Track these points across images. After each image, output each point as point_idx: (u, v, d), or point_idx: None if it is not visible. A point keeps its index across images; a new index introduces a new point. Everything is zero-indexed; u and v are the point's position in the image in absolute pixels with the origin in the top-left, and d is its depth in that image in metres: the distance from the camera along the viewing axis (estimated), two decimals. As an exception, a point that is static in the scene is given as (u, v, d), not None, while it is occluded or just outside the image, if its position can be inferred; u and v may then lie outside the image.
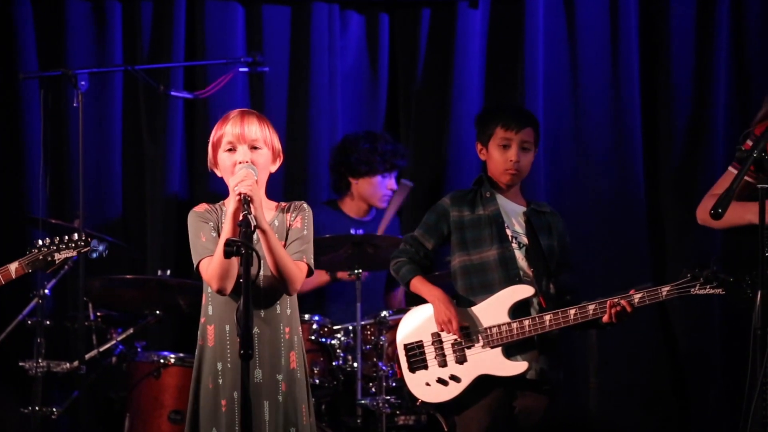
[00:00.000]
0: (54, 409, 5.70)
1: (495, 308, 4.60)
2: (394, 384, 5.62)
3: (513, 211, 4.75)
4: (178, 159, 6.60)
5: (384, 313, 5.72)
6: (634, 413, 6.53)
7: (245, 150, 3.99)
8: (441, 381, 4.63)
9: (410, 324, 4.76)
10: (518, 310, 4.60)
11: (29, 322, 5.68)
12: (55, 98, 6.16)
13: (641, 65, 6.65)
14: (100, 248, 4.97)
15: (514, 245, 4.67)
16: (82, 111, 5.55)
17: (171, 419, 5.68)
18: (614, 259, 6.55)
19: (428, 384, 4.66)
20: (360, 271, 5.75)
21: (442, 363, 4.64)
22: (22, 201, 6.43)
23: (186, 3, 6.62)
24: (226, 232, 3.83)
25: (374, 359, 5.69)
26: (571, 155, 6.67)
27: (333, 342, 5.81)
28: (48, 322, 5.66)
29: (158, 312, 5.99)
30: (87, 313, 5.86)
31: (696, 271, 4.30)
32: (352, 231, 5.86)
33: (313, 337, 5.77)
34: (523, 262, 4.67)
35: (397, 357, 4.75)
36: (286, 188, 6.61)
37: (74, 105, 5.55)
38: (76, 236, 4.65)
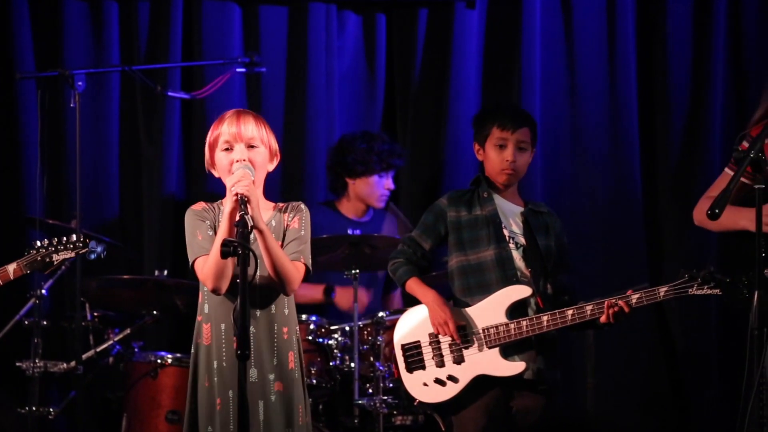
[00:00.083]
0: (51, 410, 5.69)
1: (492, 308, 4.60)
2: (391, 384, 5.62)
3: (510, 212, 4.75)
4: (175, 159, 6.60)
5: (381, 314, 5.72)
6: (632, 413, 6.53)
7: (242, 148, 4.00)
8: (438, 381, 4.63)
9: (407, 324, 4.76)
10: (516, 311, 4.60)
11: (26, 323, 5.67)
12: (52, 98, 6.17)
13: (638, 66, 6.65)
14: (98, 249, 4.97)
15: (512, 245, 4.67)
16: (79, 111, 5.54)
17: (168, 419, 5.68)
18: (611, 260, 6.55)
19: (426, 384, 4.66)
20: (357, 271, 5.75)
21: (440, 363, 4.64)
22: (19, 201, 6.42)
23: (183, 3, 6.62)
24: (223, 232, 3.83)
25: (371, 359, 5.69)
26: (569, 156, 6.67)
27: (330, 342, 5.81)
28: (45, 323, 5.65)
29: (155, 312, 5.98)
30: (84, 314, 5.85)
31: (693, 272, 4.30)
32: (350, 231, 5.86)
33: (311, 338, 5.77)
34: (521, 263, 4.67)
35: (395, 357, 4.75)
36: (284, 188, 6.61)
37: (71, 105, 5.54)
38: (75, 237, 4.64)
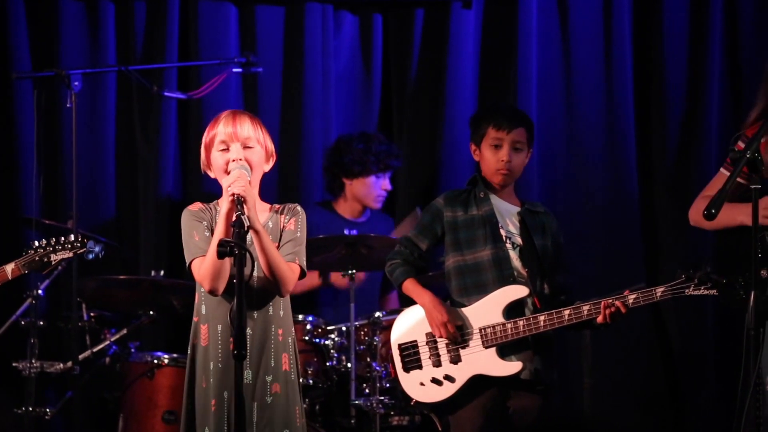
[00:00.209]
0: (47, 410, 5.69)
1: (489, 308, 4.60)
2: (388, 384, 5.63)
3: (507, 212, 4.74)
4: (172, 159, 6.60)
5: (378, 314, 5.72)
6: (629, 414, 6.53)
7: (238, 148, 4.00)
8: (435, 381, 4.63)
9: (404, 324, 4.76)
10: (512, 311, 4.59)
11: (23, 323, 5.66)
12: (49, 99, 6.16)
13: (635, 66, 6.66)
14: (96, 249, 4.97)
15: (508, 245, 4.67)
16: (76, 111, 5.54)
17: (165, 419, 5.67)
18: (608, 260, 6.55)
19: (423, 384, 4.65)
20: (353, 272, 5.75)
21: (437, 363, 4.64)
22: (16, 201, 6.42)
23: (179, 3, 6.61)
24: (219, 233, 3.83)
25: (368, 360, 5.69)
26: (565, 156, 6.67)
27: (327, 342, 5.81)
28: (41, 323, 5.65)
29: (152, 312, 5.98)
30: (80, 314, 5.85)
31: (690, 272, 4.30)
32: (346, 231, 5.86)
33: (307, 338, 5.77)
34: (518, 263, 4.66)
35: (392, 357, 4.75)
36: (280, 189, 6.61)
37: (67, 105, 5.54)
38: (73, 237, 4.64)
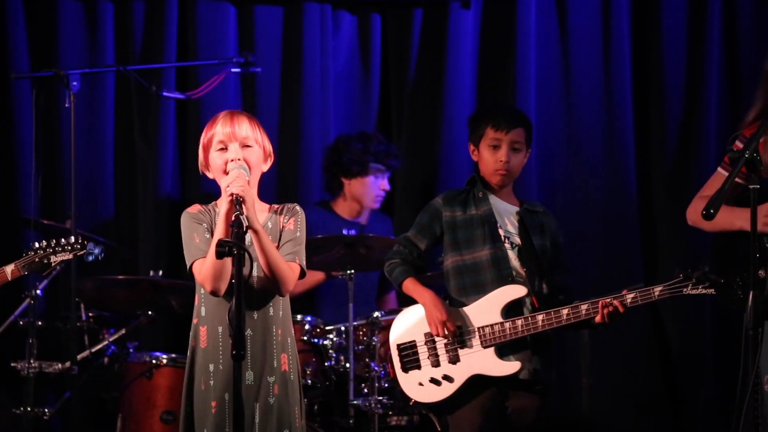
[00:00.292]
0: (46, 410, 5.69)
1: (488, 308, 4.60)
2: (387, 384, 5.62)
3: (506, 211, 4.74)
4: (170, 159, 6.60)
5: (376, 314, 5.72)
6: (627, 414, 6.53)
7: (236, 148, 3.99)
8: (434, 381, 4.63)
9: (403, 324, 4.76)
10: (511, 310, 4.60)
11: (21, 323, 5.66)
12: (47, 99, 6.17)
13: (633, 66, 6.66)
14: (96, 251, 4.96)
15: (507, 245, 4.67)
16: (74, 111, 5.54)
17: (163, 420, 5.67)
18: (606, 260, 6.55)
19: (421, 384, 4.66)
20: (352, 272, 5.75)
21: (435, 363, 4.64)
22: (14, 201, 6.41)
23: (178, 3, 6.61)
24: (219, 233, 3.83)
25: (366, 360, 5.69)
26: (564, 156, 6.67)
27: (325, 342, 5.81)
28: (40, 323, 5.65)
29: (150, 312, 5.98)
30: (79, 314, 5.85)
31: (688, 271, 4.30)
32: (345, 231, 5.86)
33: (306, 338, 5.77)
34: (516, 262, 4.67)
35: (390, 357, 4.75)
36: (279, 188, 6.61)
37: (66, 105, 5.54)
38: (73, 239, 4.64)
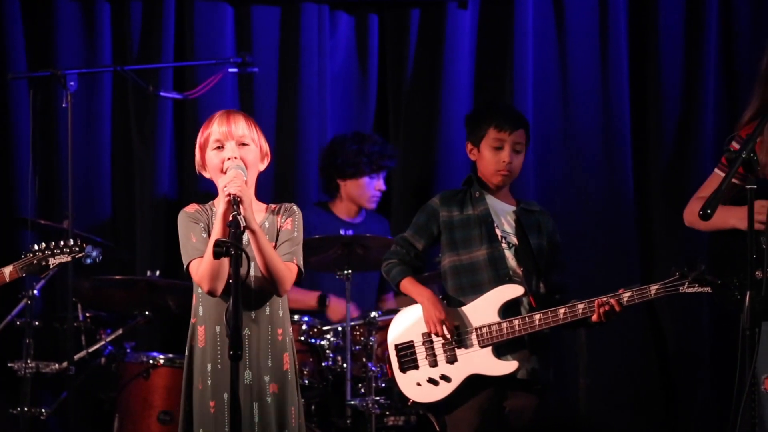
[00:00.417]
0: (43, 410, 5.69)
1: (485, 308, 4.60)
2: (384, 385, 5.62)
3: (502, 211, 4.75)
4: (168, 159, 6.59)
5: (373, 314, 5.72)
6: (624, 413, 6.53)
7: (233, 146, 3.99)
8: (432, 381, 4.63)
9: (401, 324, 4.76)
10: (508, 310, 4.60)
11: (18, 323, 5.67)
12: (44, 99, 6.16)
13: (630, 66, 6.66)
14: (94, 254, 4.97)
15: (504, 245, 4.67)
16: (71, 111, 5.53)
17: (160, 420, 5.67)
18: (604, 260, 6.55)
19: (419, 384, 4.66)
20: (349, 272, 5.75)
21: (433, 363, 4.64)
22: (11, 202, 6.41)
23: (175, 3, 6.61)
24: (216, 233, 3.83)
25: (364, 360, 5.69)
26: (561, 156, 6.67)
27: (322, 343, 5.81)
28: (37, 323, 5.65)
29: (147, 313, 5.98)
30: (76, 314, 5.85)
31: (684, 270, 4.30)
32: (342, 232, 5.86)
33: (303, 338, 5.77)
34: (513, 262, 4.67)
35: (388, 357, 4.75)
36: (276, 189, 6.60)
37: (63, 105, 5.53)
38: (72, 242, 4.64)
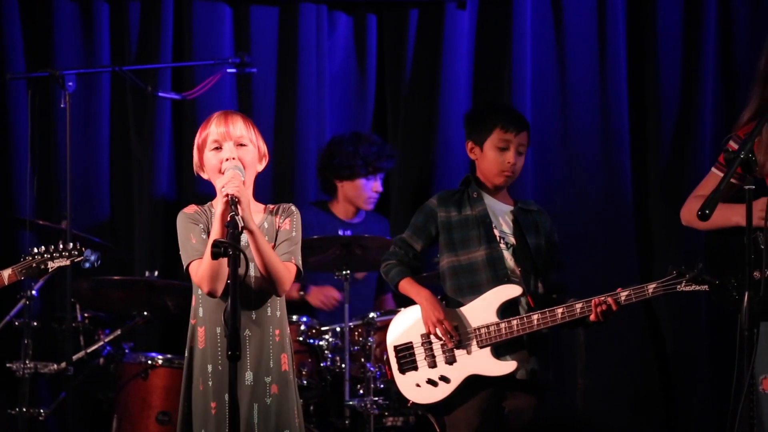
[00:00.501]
0: (41, 411, 5.70)
1: (483, 308, 4.60)
2: (382, 385, 5.62)
3: (500, 211, 4.74)
4: (166, 160, 6.60)
5: (372, 315, 5.72)
6: (622, 414, 6.54)
7: (231, 147, 3.99)
8: (431, 382, 4.63)
9: (400, 325, 4.76)
10: (507, 310, 4.59)
11: (16, 324, 5.67)
12: (43, 99, 6.17)
13: (629, 66, 6.66)
14: (93, 258, 4.98)
15: (502, 245, 4.67)
16: (70, 112, 5.52)
17: (159, 420, 5.67)
18: (602, 260, 6.55)
19: (418, 385, 4.65)
20: (348, 272, 5.75)
21: (432, 364, 4.64)
22: (10, 202, 6.41)
23: (174, 4, 6.61)
24: (214, 234, 3.83)
25: (362, 360, 5.69)
26: (559, 156, 6.67)
27: (321, 343, 5.81)
28: (35, 324, 5.65)
29: (146, 313, 5.98)
30: (74, 315, 5.84)
31: (681, 268, 4.30)
32: (340, 232, 5.85)
33: (301, 338, 5.77)
34: (511, 262, 4.66)
35: (388, 359, 4.75)
36: (274, 189, 6.61)
37: (62, 106, 5.53)
38: (71, 245, 4.65)
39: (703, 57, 6.56)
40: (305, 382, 5.70)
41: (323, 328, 5.85)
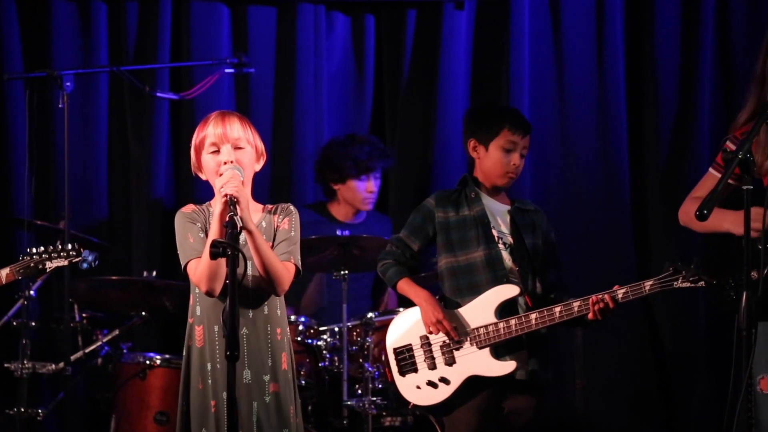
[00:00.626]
0: (39, 411, 5.69)
1: (482, 309, 4.59)
2: (380, 385, 5.62)
3: (498, 211, 4.73)
4: (164, 160, 6.60)
5: (370, 315, 5.72)
6: (621, 414, 6.54)
7: (229, 149, 3.99)
8: (431, 384, 4.62)
9: (399, 328, 4.75)
10: (505, 310, 4.59)
11: (15, 324, 5.66)
12: (41, 99, 6.16)
13: (627, 66, 6.67)
14: (90, 258, 4.96)
15: (501, 246, 4.67)
16: (68, 112, 5.52)
17: (157, 420, 5.67)
18: (600, 260, 6.56)
19: (419, 387, 4.64)
20: (346, 273, 5.75)
21: (432, 365, 4.63)
22: (7, 202, 6.41)
23: (171, 4, 6.61)
24: (213, 234, 3.83)
25: (360, 360, 5.69)
26: (557, 156, 6.68)
27: (319, 343, 5.81)
28: (33, 324, 5.65)
29: (144, 313, 5.98)
30: (73, 315, 5.84)
31: (678, 265, 4.30)
32: (338, 232, 5.85)
33: (300, 338, 5.77)
34: (510, 262, 4.66)
35: (388, 361, 4.74)
36: (272, 189, 6.61)
37: (59, 106, 5.53)
38: (69, 246, 4.64)
39: (701, 57, 6.56)
40: (303, 382, 5.69)
41: (321, 328, 5.85)
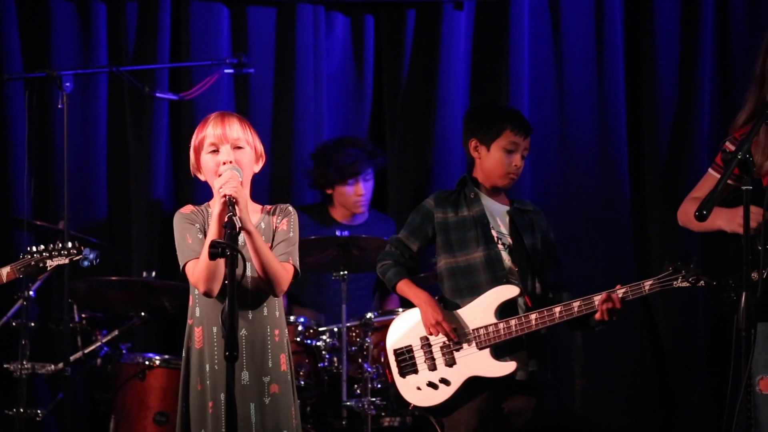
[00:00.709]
0: (39, 411, 5.69)
1: (481, 309, 4.59)
2: (380, 385, 5.62)
3: (497, 212, 4.74)
4: (164, 160, 6.60)
5: (369, 315, 5.72)
6: (620, 414, 6.54)
7: (228, 150, 3.99)
8: (431, 385, 4.62)
9: (399, 329, 4.75)
10: (505, 311, 4.59)
11: (14, 324, 5.66)
12: (40, 100, 6.15)
13: (626, 66, 6.67)
14: (91, 256, 4.96)
15: (500, 246, 4.67)
16: (67, 112, 5.53)
17: (156, 421, 5.67)
18: (599, 261, 6.56)
19: (419, 388, 4.64)
20: (345, 273, 5.75)
21: (432, 366, 4.63)
22: (7, 202, 6.41)
23: (171, 4, 6.61)
24: (212, 234, 3.83)
25: (359, 361, 5.69)
26: (557, 157, 6.68)
27: (318, 344, 5.81)
28: (33, 324, 5.64)
29: (143, 314, 5.97)
30: (72, 315, 5.84)
31: (677, 264, 4.30)
32: (338, 233, 5.85)
33: (299, 339, 5.77)
34: (509, 263, 4.66)
35: (388, 363, 4.74)
36: (271, 189, 6.60)
37: (59, 106, 5.53)
38: (70, 244, 4.64)
39: (701, 57, 6.56)
40: (303, 383, 5.69)
41: (320, 329, 5.85)
